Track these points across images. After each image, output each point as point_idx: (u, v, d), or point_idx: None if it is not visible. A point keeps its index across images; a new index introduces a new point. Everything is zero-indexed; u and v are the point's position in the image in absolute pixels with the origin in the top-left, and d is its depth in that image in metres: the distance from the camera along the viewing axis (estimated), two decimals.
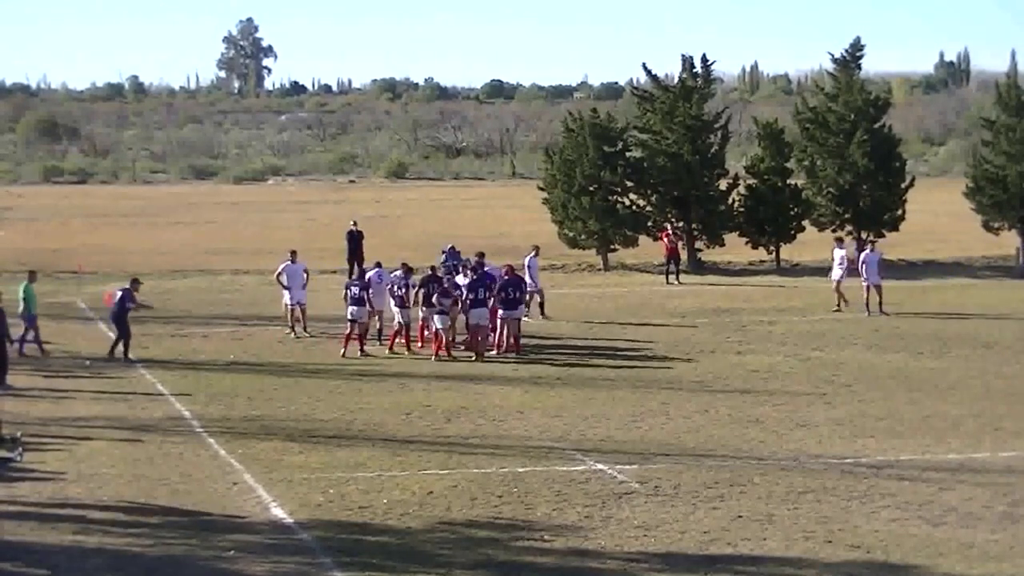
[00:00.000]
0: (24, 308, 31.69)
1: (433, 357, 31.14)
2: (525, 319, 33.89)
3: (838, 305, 38.29)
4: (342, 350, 31.81)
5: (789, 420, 24.60)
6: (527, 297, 34.50)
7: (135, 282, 32.44)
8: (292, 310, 34.53)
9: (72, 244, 57.32)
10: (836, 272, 38.78)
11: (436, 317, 31.41)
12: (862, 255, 39.47)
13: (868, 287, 38.04)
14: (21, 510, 18.93)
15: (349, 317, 31.95)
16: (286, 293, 34.44)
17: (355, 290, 32.12)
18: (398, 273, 32.37)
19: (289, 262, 34.72)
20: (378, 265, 33.91)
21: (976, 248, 53.02)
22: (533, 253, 38.33)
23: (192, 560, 16.88)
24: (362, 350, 31.78)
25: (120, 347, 31.10)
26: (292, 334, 34.15)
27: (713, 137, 52.07)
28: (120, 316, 31.18)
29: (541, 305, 37.26)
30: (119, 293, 31.60)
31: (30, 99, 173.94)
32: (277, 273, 34.76)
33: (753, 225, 50.71)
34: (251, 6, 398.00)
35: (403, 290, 31.86)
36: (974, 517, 18.44)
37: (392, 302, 32.16)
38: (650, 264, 49.69)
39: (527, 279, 35.99)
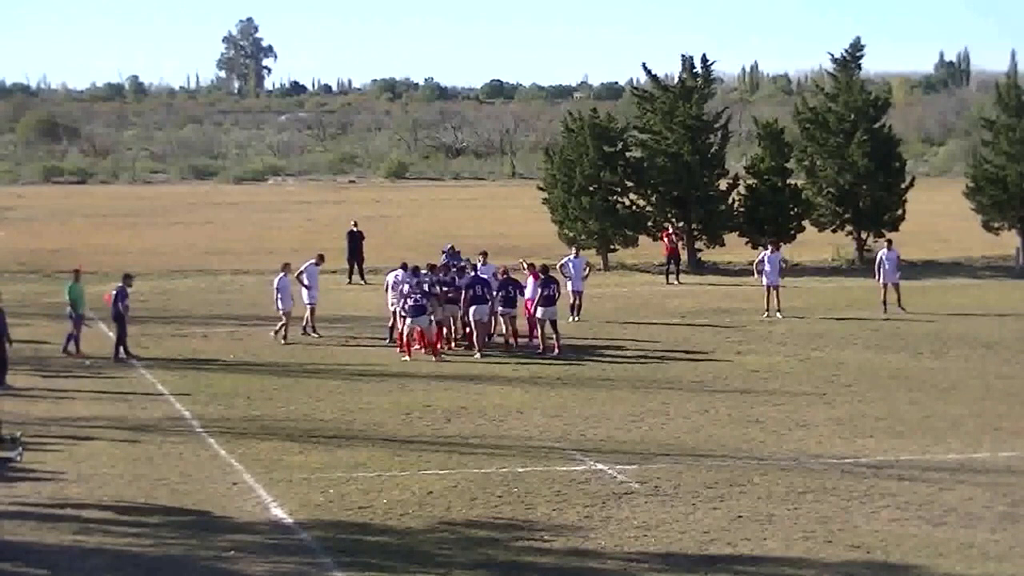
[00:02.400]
0: (71, 307, 31.67)
1: (406, 357, 31.10)
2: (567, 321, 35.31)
3: (768, 310, 37.49)
4: (400, 349, 31.82)
5: (789, 420, 24.61)
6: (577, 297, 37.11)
7: (128, 278, 32.44)
8: (312, 309, 34.59)
9: (72, 244, 57.29)
10: (771, 276, 37.71)
11: (413, 319, 31.42)
12: (879, 254, 39.39)
13: (886, 286, 38.07)
14: (21, 510, 18.94)
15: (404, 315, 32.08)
16: (305, 292, 34.46)
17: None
18: (425, 274, 32.55)
19: (313, 263, 34.97)
20: (404, 267, 33.64)
21: (976, 248, 53.01)
22: (573, 254, 38.30)
23: (192, 560, 16.89)
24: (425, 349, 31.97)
25: (120, 346, 31.20)
26: (312, 334, 34.20)
27: (713, 137, 52.04)
28: (118, 314, 31.22)
29: (572, 306, 37.08)
30: (114, 292, 31.61)
31: (30, 99, 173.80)
32: (299, 272, 34.79)
33: (753, 225, 50.65)
34: (251, 6, 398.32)
35: (435, 288, 31.89)
36: (974, 517, 18.45)
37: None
38: (650, 264, 49.69)
39: (570, 280, 36.72)
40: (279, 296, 33.59)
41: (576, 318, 36.75)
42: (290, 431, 23.87)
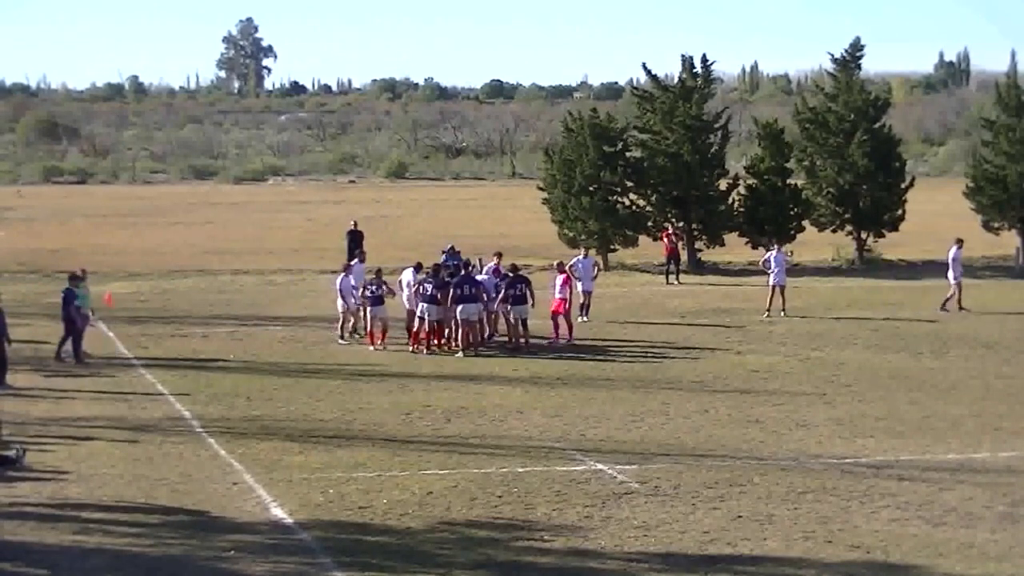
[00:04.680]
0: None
1: (372, 347, 32.09)
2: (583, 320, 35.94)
3: (768, 310, 37.53)
4: (411, 347, 32.13)
5: (789, 420, 24.60)
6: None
7: (74, 278, 31.79)
8: (358, 311, 34.68)
9: (72, 244, 57.29)
10: (777, 276, 37.60)
11: (371, 308, 32.45)
12: (952, 252, 39.39)
13: (959, 284, 38.59)
14: (21, 510, 18.93)
15: (419, 314, 32.08)
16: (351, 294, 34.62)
17: (428, 287, 32.01)
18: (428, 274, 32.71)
19: (358, 262, 35.52)
20: (417, 268, 33.67)
21: (976, 248, 52.87)
22: (582, 254, 38.35)
23: (192, 560, 16.88)
24: (428, 348, 32.03)
25: (69, 346, 30.69)
26: (357, 335, 34.25)
27: (713, 137, 52.07)
28: (68, 316, 30.85)
29: (582, 306, 37.07)
30: (63, 294, 31.23)
31: (30, 99, 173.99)
32: (344, 275, 34.85)
33: (753, 225, 50.69)
34: (251, 6, 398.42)
35: (438, 290, 31.95)
36: (974, 517, 18.44)
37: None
38: (650, 264, 49.70)
39: (580, 281, 36.58)
40: (341, 296, 33.83)
41: (585, 318, 36.67)
42: (290, 431, 23.86)
